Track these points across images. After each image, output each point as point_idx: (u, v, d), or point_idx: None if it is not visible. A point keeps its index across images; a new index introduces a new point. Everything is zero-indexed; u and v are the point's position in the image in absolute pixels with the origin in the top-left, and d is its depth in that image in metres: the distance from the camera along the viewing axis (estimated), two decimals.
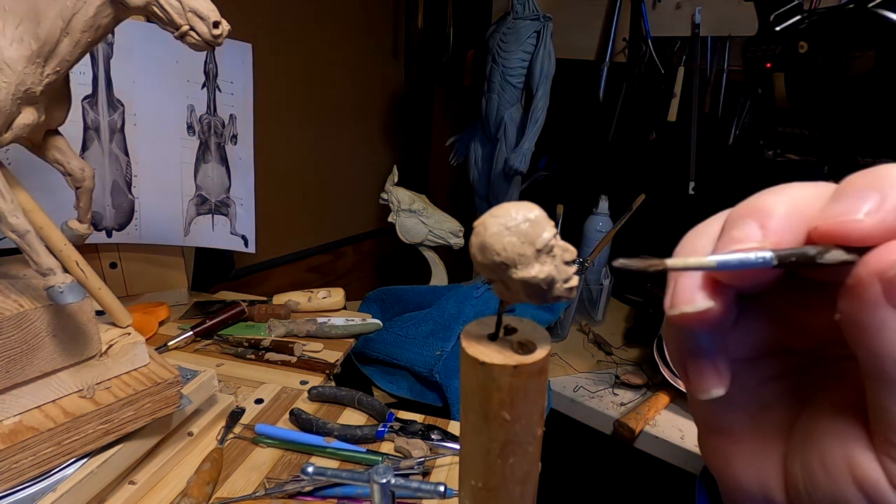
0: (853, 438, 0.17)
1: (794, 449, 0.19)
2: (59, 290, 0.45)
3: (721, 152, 1.20)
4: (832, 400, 0.19)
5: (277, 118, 1.27)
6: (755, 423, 0.21)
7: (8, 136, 0.45)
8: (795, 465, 0.19)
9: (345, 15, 1.38)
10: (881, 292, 0.15)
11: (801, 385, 0.21)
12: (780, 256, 0.16)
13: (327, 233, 1.52)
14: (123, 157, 0.87)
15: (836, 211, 0.16)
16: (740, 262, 0.16)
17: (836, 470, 0.17)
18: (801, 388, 0.21)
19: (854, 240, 0.15)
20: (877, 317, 0.15)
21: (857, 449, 0.17)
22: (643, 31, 1.23)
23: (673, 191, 1.21)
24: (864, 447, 0.17)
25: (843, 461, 0.17)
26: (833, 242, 0.16)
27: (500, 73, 1.27)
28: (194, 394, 0.63)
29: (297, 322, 0.91)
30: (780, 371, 0.21)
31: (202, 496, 0.56)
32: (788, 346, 0.21)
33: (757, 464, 0.21)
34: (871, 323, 0.15)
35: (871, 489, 0.17)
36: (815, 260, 0.16)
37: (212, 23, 0.43)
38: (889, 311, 0.15)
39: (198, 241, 0.97)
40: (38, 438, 0.48)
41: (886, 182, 0.15)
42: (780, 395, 0.21)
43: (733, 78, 1.15)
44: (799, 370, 0.21)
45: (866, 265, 0.15)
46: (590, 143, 1.46)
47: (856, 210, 0.15)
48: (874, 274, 0.15)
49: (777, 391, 0.21)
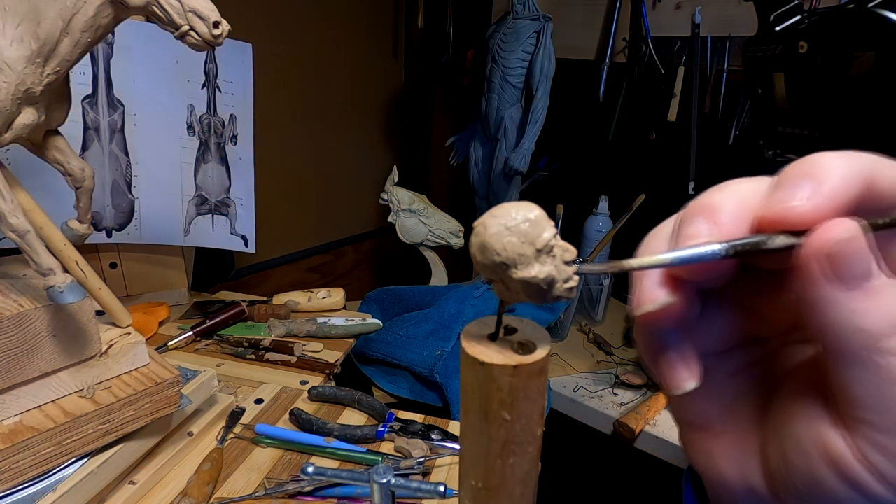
0: (820, 418, 0.18)
1: (769, 436, 0.20)
2: (59, 290, 0.45)
3: (721, 152, 1.20)
4: (798, 384, 0.20)
5: (277, 118, 1.27)
6: (731, 415, 0.22)
7: (8, 136, 0.45)
8: (772, 452, 0.20)
9: (345, 15, 1.38)
10: (823, 269, 0.16)
11: (769, 374, 0.22)
12: (732, 246, 0.17)
13: (327, 233, 1.52)
14: (123, 157, 0.87)
15: (777, 199, 0.17)
16: (694, 257, 0.17)
17: (808, 450, 0.18)
18: (769, 377, 0.21)
19: (795, 224, 0.17)
20: (822, 292, 0.16)
21: (825, 428, 0.18)
22: (643, 31, 1.23)
23: (673, 191, 1.21)
24: (830, 425, 0.18)
25: (813, 441, 0.18)
26: (777, 229, 0.17)
27: (500, 73, 1.27)
28: (194, 394, 0.63)
29: (297, 322, 0.91)
30: (748, 361, 0.22)
31: (202, 496, 0.56)
32: (753, 337, 0.22)
33: (737, 456, 0.21)
34: (817, 299, 0.16)
35: (840, 465, 0.17)
36: (763, 246, 0.17)
37: (212, 23, 0.43)
38: (831, 286, 0.16)
39: (198, 241, 0.97)
40: (38, 438, 0.48)
41: (820, 169, 0.17)
42: (751, 386, 0.22)
43: (733, 78, 1.15)
44: (766, 359, 0.22)
45: (809, 245, 0.16)
46: (590, 143, 1.46)
47: (794, 197, 0.17)
48: (816, 252, 0.16)
49: (747, 382, 0.22)
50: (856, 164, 0.17)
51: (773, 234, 0.17)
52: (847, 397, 0.17)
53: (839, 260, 0.16)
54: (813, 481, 0.18)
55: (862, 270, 0.16)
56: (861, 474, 0.17)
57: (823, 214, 0.16)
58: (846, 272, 0.16)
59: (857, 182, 0.16)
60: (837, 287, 0.16)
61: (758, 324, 0.22)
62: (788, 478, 0.19)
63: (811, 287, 0.16)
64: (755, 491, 0.20)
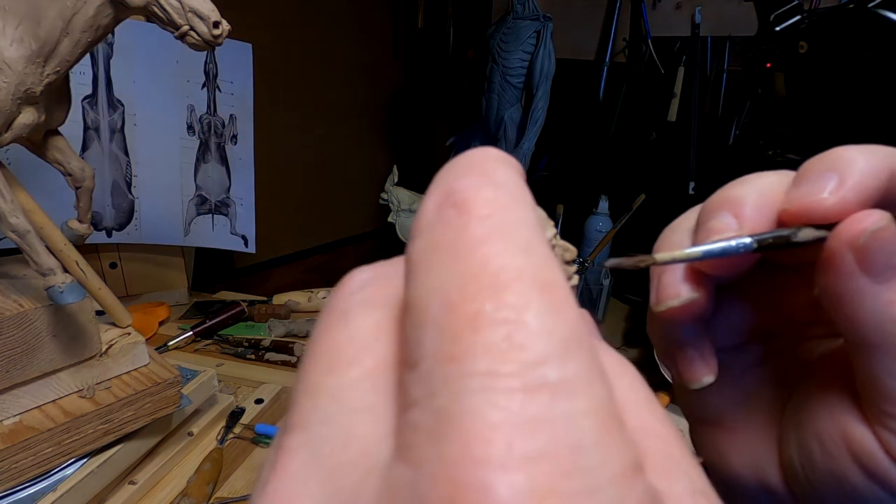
0: (845, 413, 0.18)
1: (788, 432, 0.20)
2: (59, 290, 0.45)
3: (721, 152, 1.20)
4: (820, 378, 0.19)
5: (277, 118, 1.27)
6: (745, 410, 0.21)
7: (8, 136, 0.45)
8: (790, 448, 0.19)
9: (345, 15, 1.38)
10: (854, 261, 0.16)
11: (786, 369, 0.21)
12: (759, 240, 0.17)
13: (327, 233, 1.52)
14: (123, 157, 0.87)
15: (802, 193, 0.17)
16: (723, 250, 0.17)
17: (831, 446, 0.18)
18: (785, 372, 0.21)
19: (821, 217, 0.16)
20: (852, 285, 0.16)
21: (851, 422, 0.17)
22: (643, 31, 1.23)
23: (673, 191, 1.21)
24: (856, 420, 0.17)
25: (838, 436, 0.18)
26: (802, 223, 0.17)
27: (500, 73, 1.27)
28: (194, 394, 0.63)
29: (297, 322, 0.91)
30: (764, 356, 0.22)
31: (202, 496, 0.56)
32: (768, 331, 0.22)
33: (750, 451, 0.21)
34: (848, 292, 0.16)
35: (867, 460, 0.17)
36: (790, 240, 0.17)
37: (212, 23, 0.43)
38: (863, 278, 0.16)
39: (198, 241, 0.97)
40: (38, 438, 0.48)
41: (844, 163, 0.17)
42: (767, 381, 0.22)
43: (733, 78, 1.15)
44: (781, 354, 0.22)
45: (837, 237, 0.16)
46: (590, 143, 1.46)
47: (820, 190, 0.16)
48: (845, 245, 0.16)
49: (763, 377, 0.22)
50: (880, 157, 0.17)
51: (800, 227, 0.17)
52: (879, 391, 0.16)
53: (870, 251, 0.15)
54: (836, 477, 0.18)
55: (894, 261, 0.15)
56: (890, 470, 0.16)
57: (849, 208, 0.16)
58: (878, 263, 0.15)
59: (882, 175, 0.16)
60: (869, 279, 0.16)
61: (773, 318, 0.21)
62: (810, 473, 0.18)
63: (841, 280, 0.16)
64: (770, 487, 0.20)
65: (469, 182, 0.11)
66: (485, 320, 0.09)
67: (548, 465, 0.08)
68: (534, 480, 0.08)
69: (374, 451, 0.10)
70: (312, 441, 0.10)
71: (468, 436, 0.08)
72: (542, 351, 0.09)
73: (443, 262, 0.10)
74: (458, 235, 0.10)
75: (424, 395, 0.09)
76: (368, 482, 0.09)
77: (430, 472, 0.08)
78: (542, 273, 0.10)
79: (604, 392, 0.09)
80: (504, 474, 0.08)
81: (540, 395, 0.08)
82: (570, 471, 0.08)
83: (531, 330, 0.09)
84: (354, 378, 0.11)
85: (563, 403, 0.08)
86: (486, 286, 0.09)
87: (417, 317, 0.10)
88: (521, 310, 0.09)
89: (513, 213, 0.10)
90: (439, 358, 0.09)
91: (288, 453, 0.10)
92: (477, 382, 0.08)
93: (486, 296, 0.09)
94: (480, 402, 0.08)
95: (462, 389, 0.08)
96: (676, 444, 0.11)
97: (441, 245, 0.10)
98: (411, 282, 0.10)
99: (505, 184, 0.11)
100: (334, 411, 0.10)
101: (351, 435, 0.10)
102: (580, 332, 0.09)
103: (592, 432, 0.08)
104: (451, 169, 0.11)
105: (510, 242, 0.10)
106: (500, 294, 0.09)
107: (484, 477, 0.08)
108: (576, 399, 0.08)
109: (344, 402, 0.10)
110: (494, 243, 0.10)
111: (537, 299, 0.09)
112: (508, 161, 0.12)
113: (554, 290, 0.09)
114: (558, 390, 0.08)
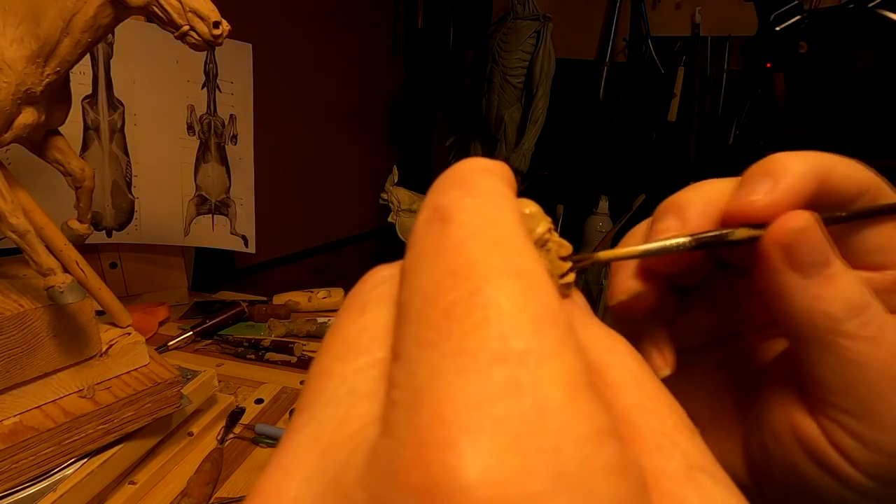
0: (793, 406, 0.19)
1: (750, 429, 0.21)
2: (59, 290, 0.45)
3: (721, 152, 1.20)
4: (773, 375, 0.20)
5: (277, 118, 1.27)
6: (713, 410, 0.22)
7: (8, 136, 0.45)
8: (752, 445, 0.20)
9: (345, 15, 1.38)
10: (783, 258, 0.17)
11: (749, 368, 0.22)
12: (696, 239, 0.18)
13: (327, 233, 1.52)
14: (123, 157, 0.87)
15: (739, 195, 0.18)
16: (661, 248, 0.18)
17: (784, 438, 0.19)
18: (749, 371, 0.22)
19: (756, 217, 0.18)
20: (783, 281, 0.17)
21: (798, 414, 0.18)
22: (643, 31, 1.23)
23: (673, 191, 1.21)
24: (802, 412, 0.18)
25: (789, 429, 0.18)
26: (741, 223, 0.18)
27: (500, 73, 1.27)
28: (194, 394, 0.63)
29: (297, 322, 0.91)
30: (727, 356, 0.23)
31: (202, 496, 0.56)
32: (730, 331, 0.23)
33: (719, 450, 0.21)
34: (779, 287, 0.17)
35: (815, 450, 0.18)
36: (726, 238, 0.18)
37: (212, 23, 0.43)
38: (792, 274, 0.17)
39: (198, 241, 0.97)
40: (38, 438, 0.48)
41: (778, 167, 0.18)
42: (731, 380, 0.22)
43: (733, 78, 1.15)
44: (745, 354, 0.23)
45: (768, 236, 0.17)
46: (590, 143, 1.46)
47: (755, 192, 0.18)
48: (775, 243, 0.17)
49: (727, 376, 0.23)
50: (812, 162, 0.18)
51: (736, 228, 0.18)
52: (814, 381, 0.17)
53: (796, 248, 0.17)
54: (791, 469, 0.18)
55: (819, 258, 0.17)
56: (834, 458, 0.17)
57: (781, 208, 0.17)
58: (804, 260, 0.17)
59: (813, 178, 0.18)
60: (797, 275, 0.17)
61: (734, 319, 0.23)
62: (768, 468, 0.19)
63: (773, 276, 0.17)
64: (740, 485, 0.21)
65: (452, 195, 0.12)
66: (460, 308, 0.10)
67: (512, 425, 0.09)
68: (497, 438, 0.08)
69: (367, 430, 0.10)
70: (316, 419, 0.11)
71: (438, 403, 0.09)
72: (511, 326, 0.10)
73: (426, 265, 0.11)
74: (440, 241, 0.11)
75: (404, 377, 0.10)
76: (356, 457, 0.10)
77: (402, 438, 0.09)
78: (514, 262, 0.10)
79: (575, 362, 0.10)
80: (468, 433, 0.08)
81: (507, 363, 0.09)
82: (535, 431, 0.09)
83: (501, 310, 0.10)
84: (363, 365, 0.12)
85: (531, 370, 0.09)
86: (462, 279, 0.10)
87: (403, 314, 0.11)
88: (493, 295, 0.10)
89: (490, 215, 0.11)
90: (419, 345, 0.10)
91: (294, 429, 0.11)
92: (450, 360, 0.09)
93: (461, 287, 0.10)
94: (452, 374, 0.09)
95: (437, 368, 0.09)
96: (672, 420, 0.12)
97: (426, 252, 0.11)
98: (401, 287, 0.11)
99: (486, 191, 0.12)
100: (341, 394, 0.11)
101: (350, 415, 0.11)
102: (553, 310, 0.10)
103: (559, 397, 0.09)
104: (437, 185, 0.12)
105: (485, 240, 0.11)
106: (473, 283, 0.10)
107: (449, 435, 0.08)
108: (543, 367, 0.09)
109: (350, 386, 0.11)
110: (470, 242, 0.11)
111: (509, 284, 0.10)
112: (491, 169, 0.13)
113: (526, 276, 0.10)
114: (525, 359, 0.09)
